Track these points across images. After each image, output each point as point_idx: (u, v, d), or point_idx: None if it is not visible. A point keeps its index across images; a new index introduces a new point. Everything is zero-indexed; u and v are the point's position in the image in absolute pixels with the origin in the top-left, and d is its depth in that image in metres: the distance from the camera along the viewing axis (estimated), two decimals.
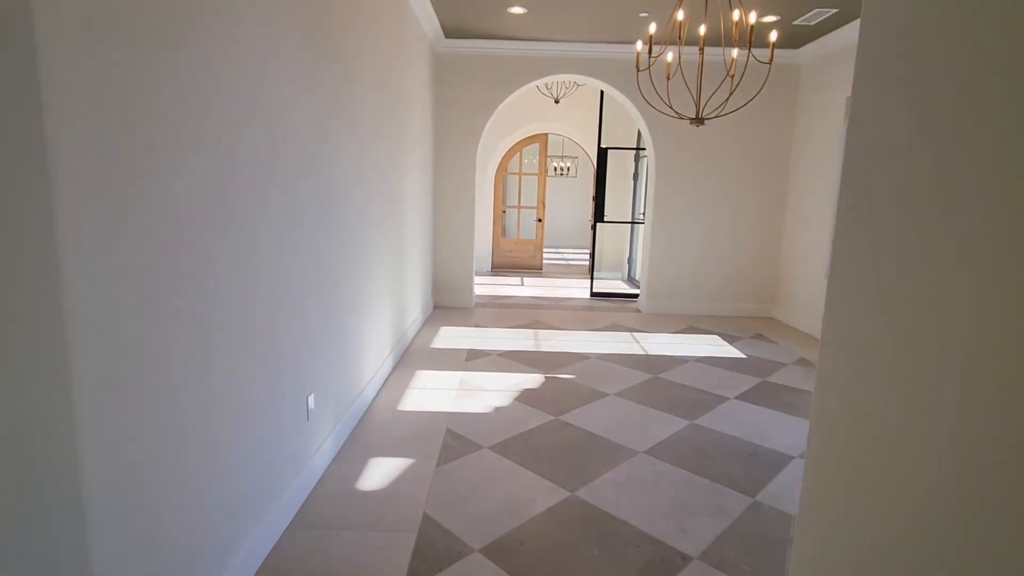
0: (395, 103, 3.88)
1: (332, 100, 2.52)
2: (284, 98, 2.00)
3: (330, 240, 2.55)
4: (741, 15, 3.10)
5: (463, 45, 5.81)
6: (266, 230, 1.87)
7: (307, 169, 2.24)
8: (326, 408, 2.57)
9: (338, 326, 2.72)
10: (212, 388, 1.57)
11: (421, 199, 5.20)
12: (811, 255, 5.63)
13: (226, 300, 1.63)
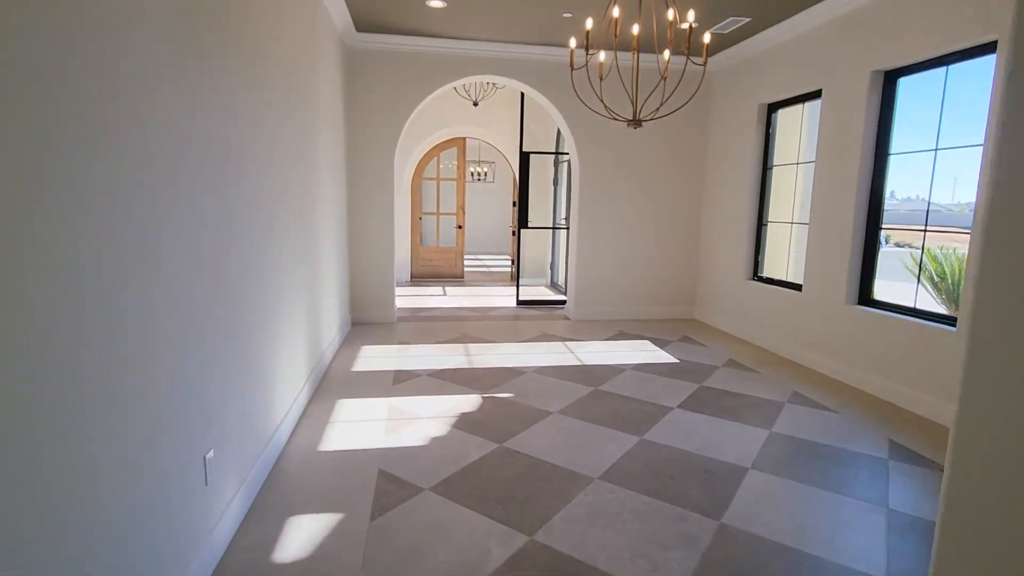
0: (303, 102, 3.42)
1: (225, 96, 2.08)
2: (159, 94, 1.56)
3: (232, 259, 2.10)
4: (675, 15, 3.00)
5: (378, 40, 5.39)
6: (147, 251, 1.43)
7: (196, 174, 1.79)
8: (230, 463, 2.11)
9: (244, 360, 2.26)
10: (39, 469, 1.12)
11: (335, 207, 4.72)
12: (729, 257, 5.78)
13: (85, 341, 1.19)
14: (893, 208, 4.67)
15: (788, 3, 4.35)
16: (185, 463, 1.72)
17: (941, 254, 5.61)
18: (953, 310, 5.37)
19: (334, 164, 4.65)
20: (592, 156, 6.04)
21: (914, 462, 2.90)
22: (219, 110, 1.99)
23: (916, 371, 3.62)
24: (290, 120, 3.08)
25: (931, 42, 3.53)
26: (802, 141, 5.17)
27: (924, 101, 3.84)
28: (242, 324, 2.25)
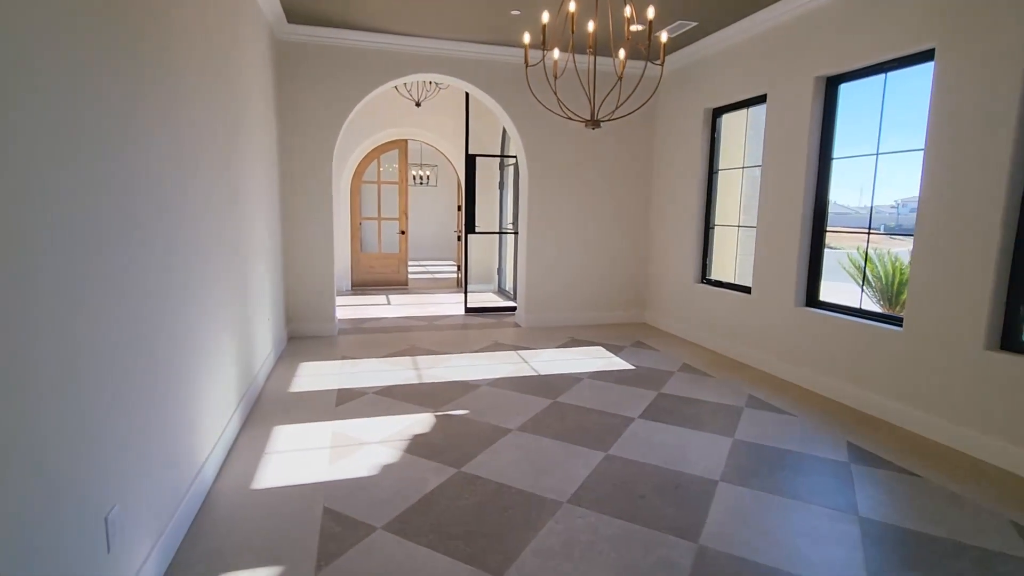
0: (226, 93, 3.06)
1: (137, 87, 1.75)
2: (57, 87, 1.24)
3: (143, 269, 1.76)
4: (632, 12, 2.89)
5: (312, 34, 5.02)
6: (18, 261, 1.11)
7: (98, 179, 1.47)
8: (143, 517, 1.77)
9: (160, 389, 1.92)
10: None
11: (268, 212, 4.32)
12: (678, 261, 5.80)
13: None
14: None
15: (735, 8, 4.38)
16: (77, 529, 1.39)
17: (875, 255, 5.86)
18: (888, 308, 5.63)
19: (266, 165, 4.26)
20: (541, 159, 5.91)
21: (874, 464, 2.91)
22: (125, 101, 1.66)
23: (864, 371, 3.69)
24: (212, 115, 2.72)
25: (870, 49, 3.62)
26: (746, 145, 5.26)
27: (866, 106, 3.94)
28: (157, 346, 1.91)
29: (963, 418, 3.09)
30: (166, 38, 2.08)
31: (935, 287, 3.24)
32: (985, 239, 2.98)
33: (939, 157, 3.21)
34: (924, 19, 3.27)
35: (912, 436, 3.28)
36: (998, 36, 2.89)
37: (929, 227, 3.27)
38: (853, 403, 3.76)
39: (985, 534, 2.27)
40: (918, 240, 3.35)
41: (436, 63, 5.44)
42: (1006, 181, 2.88)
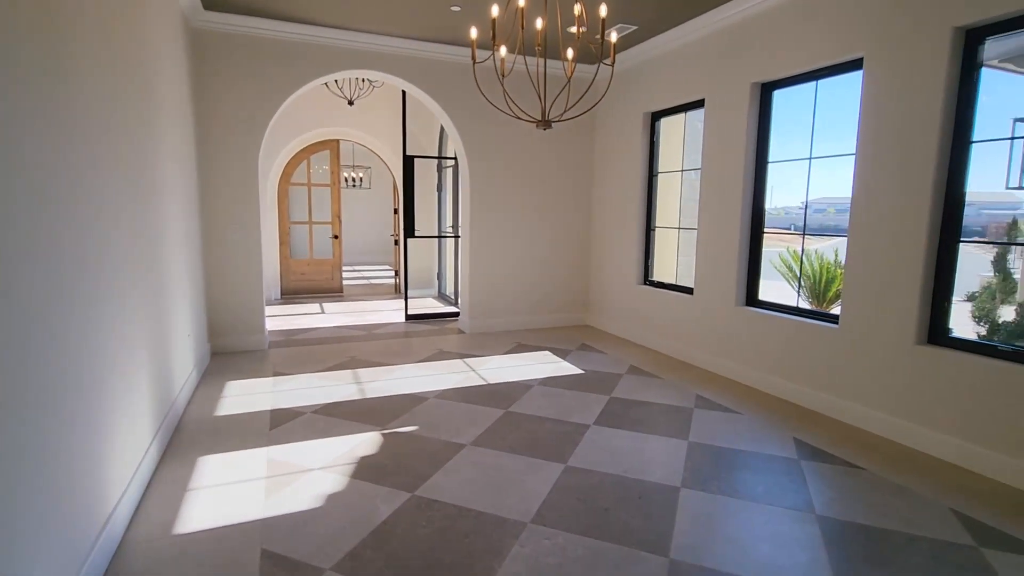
0: (134, 89, 2.70)
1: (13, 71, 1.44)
2: None
3: (28, 288, 1.46)
4: (583, 10, 2.82)
5: (233, 22, 4.62)
6: None
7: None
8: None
9: (55, 429, 1.61)
10: None
11: (187, 218, 3.91)
12: (620, 263, 5.84)
13: None
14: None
15: (673, 13, 4.43)
16: None
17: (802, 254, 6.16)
18: (817, 304, 5.93)
19: (182, 165, 3.85)
20: (483, 162, 5.77)
21: (821, 459, 2.99)
22: None
23: (804, 368, 3.82)
24: (113, 109, 2.38)
25: (803, 58, 3.75)
26: (684, 149, 5.37)
27: (801, 111, 4.09)
28: (49, 375, 1.60)
29: (898, 410, 3.24)
30: (54, 24, 1.76)
31: (868, 285, 3.39)
32: (913, 239, 3.13)
33: (869, 161, 3.36)
34: (853, 29, 3.42)
35: (852, 429, 3.41)
36: (921, 45, 3.05)
37: (861, 228, 3.42)
38: (796, 399, 3.88)
39: (931, 525, 2.36)
40: (851, 241, 3.49)
41: (372, 59, 5.17)
42: (931, 183, 3.04)
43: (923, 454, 3.07)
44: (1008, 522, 2.39)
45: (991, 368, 2.82)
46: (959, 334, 3.12)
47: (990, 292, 5.40)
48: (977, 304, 5.43)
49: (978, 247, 8.17)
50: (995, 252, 6.50)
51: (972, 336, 5.08)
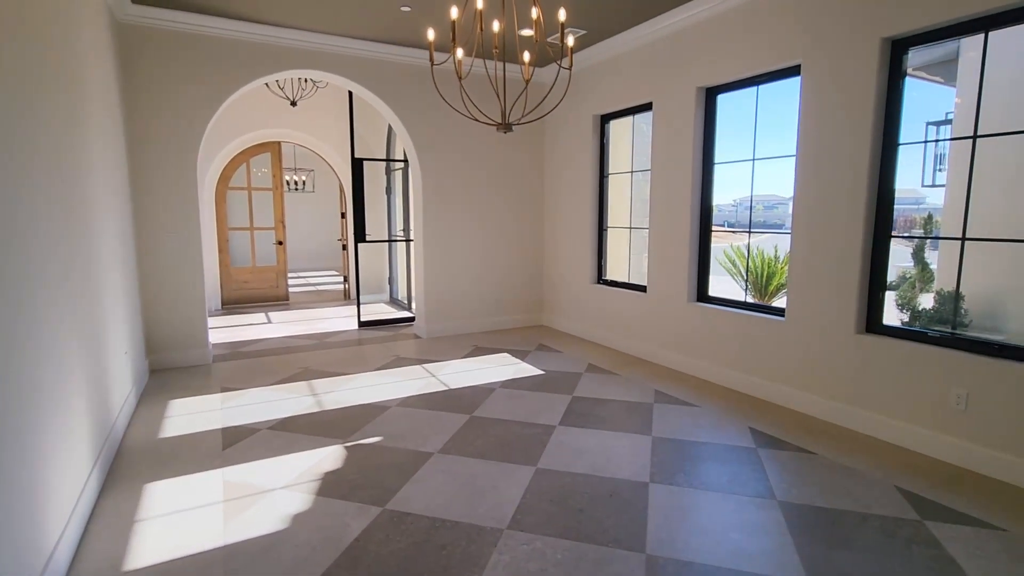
0: (62, 88, 2.48)
1: None
2: None
3: None
4: (539, 14, 2.83)
5: (166, 18, 4.34)
6: None
7: None
8: None
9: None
10: None
11: (119, 226, 3.64)
12: (574, 263, 5.92)
13: None
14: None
15: (621, 19, 4.53)
16: None
17: (743, 250, 6.46)
18: (760, 298, 6.23)
19: (112, 170, 3.58)
20: (434, 164, 5.69)
21: (776, 447, 3.13)
22: None
23: (754, 360, 4.00)
24: (41, 110, 2.18)
25: (744, 64, 3.93)
26: (633, 151, 5.50)
27: (746, 113, 4.27)
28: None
29: (843, 396, 3.44)
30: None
31: (811, 279, 3.59)
32: (851, 234, 3.34)
33: (809, 162, 3.56)
34: (791, 38, 3.60)
35: (803, 416, 3.60)
36: (853, 54, 3.25)
37: (803, 225, 3.62)
38: (749, 390, 4.05)
39: (880, 502, 2.52)
40: (794, 237, 3.69)
41: (317, 59, 5.00)
42: (866, 183, 3.25)
43: (867, 436, 3.28)
44: (944, 495, 2.58)
45: (922, 353, 3.04)
46: (885, 320, 3.35)
47: (911, 282, 5.84)
48: (900, 293, 5.86)
49: (898, 240, 8.82)
50: (914, 244, 7.05)
51: (897, 323, 5.49)
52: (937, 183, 5.89)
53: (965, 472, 2.82)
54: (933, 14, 2.89)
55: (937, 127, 5.59)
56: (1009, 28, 2.76)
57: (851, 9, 3.24)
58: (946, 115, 5.46)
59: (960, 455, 2.89)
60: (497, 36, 2.86)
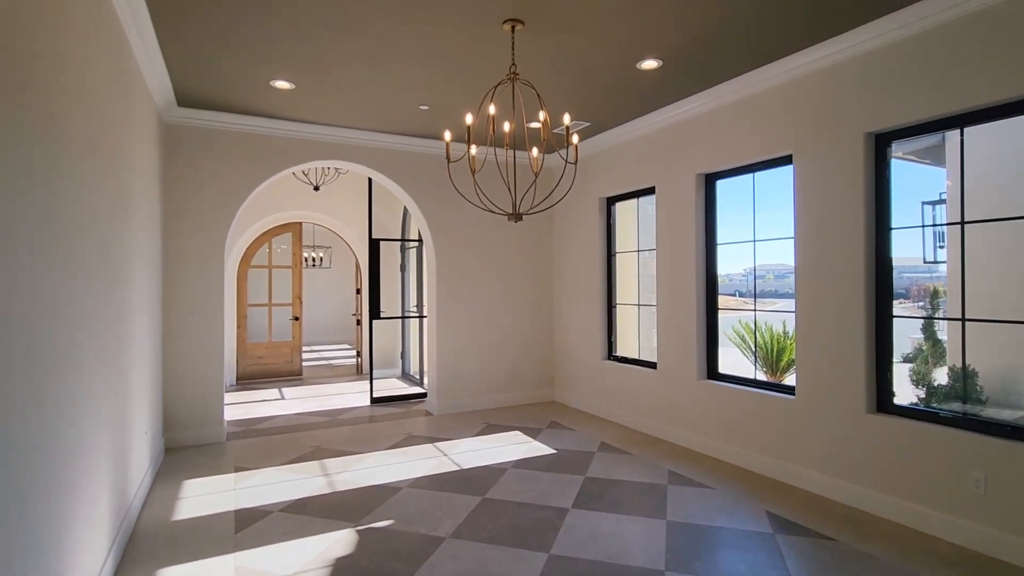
0: (113, 182, 2.75)
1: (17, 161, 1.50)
2: None
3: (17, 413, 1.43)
4: (546, 117, 3.11)
5: (205, 118, 4.76)
6: None
7: None
8: None
9: (22, 559, 1.51)
10: None
11: (151, 306, 3.83)
12: (585, 339, 6.00)
13: None
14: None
15: (621, 113, 4.89)
16: None
17: (752, 324, 6.53)
18: (772, 374, 6.22)
19: (149, 254, 3.82)
20: (447, 244, 5.95)
21: (794, 532, 3.07)
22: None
23: (767, 439, 3.97)
24: (94, 201, 2.41)
25: (740, 153, 4.19)
26: (639, 230, 5.73)
27: (746, 193, 4.50)
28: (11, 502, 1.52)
29: (858, 478, 3.39)
30: (48, 116, 1.84)
31: (817, 357, 3.64)
32: (853, 314, 3.43)
33: (806, 245, 3.71)
34: (782, 131, 3.87)
35: (820, 499, 3.53)
36: (839, 146, 3.49)
37: (806, 304, 3.72)
38: (763, 470, 3.99)
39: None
40: (798, 316, 3.78)
41: (341, 151, 5.39)
42: (863, 266, 3.38)
43: (887, 520, 3.20)
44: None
45: (935, 434, 3.04)
46: (902, 396, 3.36)
47: (923, 357, 5.83)
48: (914, 368, 5.83)
49: (904, 310, 8.83)
50: (923, 314, 7.05)
51: (913, 399, 5.42)
52: (939, 259, 6.02)
53: (991, 560, 2.74)
54: (909, 113, 3.14)
55: (933, 206, 5.80)
56: (985, 124, 2.99)
57: (836, 106, 3.52)
58: (940, 195, 5.68)
59: (983, 541, 2.82)
60: (508, 135, 3.14)
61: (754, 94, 4.05)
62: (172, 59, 3.69)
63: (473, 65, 3.76)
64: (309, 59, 3.67)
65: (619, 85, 4.17)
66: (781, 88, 3.86)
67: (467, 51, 3.54)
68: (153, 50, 3.47)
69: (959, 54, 2.92)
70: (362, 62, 3.71)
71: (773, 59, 3.74)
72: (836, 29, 3.31)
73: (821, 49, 3.50)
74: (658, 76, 4.01)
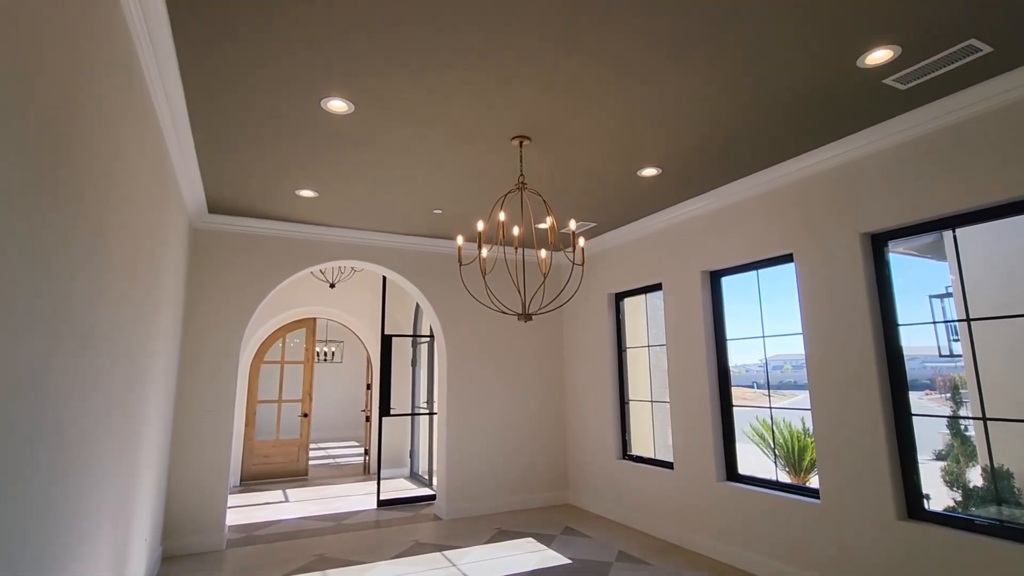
0: (145, 285, 2.90)
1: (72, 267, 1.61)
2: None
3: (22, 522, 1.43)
4: (554, 222, 3.28)
5: (232, 223, 5.06)
6: None
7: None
8: None
9: None
10: None
11: (164, 409, 3.86)
12: (598, 438, 5.85)
13: None
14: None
15: (625, 215, 5.13)
16: None
17: (770, 421, 6.35)
18: (795, 475, 5.94)
19: (167, 357, 3.91)
20: (457, 340, 6.01)
21: None
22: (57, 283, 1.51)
23: (792, 547, 3.73)
24: (123, 309, 2.53)
25: (740, 252, 4.33)
26: (648, 325, 5.78)
27: (752, 288, 4.57)
28: None
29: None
30: (95, 229, 1.99)
31: (839, 457, 3.51)
32: (869, 410, 3.36)
33: (815, 341, 3.72)
34: (781, 231, 4.03)
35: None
36: (838, 246, 3.60)
37: (822, 402, 3.65)
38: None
39: None
40: (815, 415, 3.70)
41: (356, 251, 5.64)
42: (875, 362, 3.36)
43: None
44: None
45: (972, 544, 2.85)
46: (937, 500, 3.19)
47: (954, 456, 5.57)
48: (946, 468, 5.55)
49: (931, 401, 8.51)
50: (949, 410, 6.80)
51: (949, 502, 5.11)
52: (954, 352, 5.93)
53: None
54: (901, 216, 3.27)
55: (941, 299, 5.81)
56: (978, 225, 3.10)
57: (832, 207, 3.68)
58: (946, 288, 5.72)
59: None
60: (517, 239, 3.29)
61: (752, 196, 4.26)
62: (208, 175, 4.01)
63: (484, 175, 4.03)
64: (333, 170, 3.97)
65: (622, 189, 4.42)
66: (778, 191, 4.06)
67: (478, 163, 3.82)
68: (192, 165, 3.79)
69: (946, 159, 3.10)
70: (381, 172, 4.01)
71: (766, 166, 3.98)
72: (824, 139, 3.55)
73: (811, 157, 3.73)
74: (658, 181, 4.26)
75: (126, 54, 2.19)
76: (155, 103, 2.82)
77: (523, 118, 3.19)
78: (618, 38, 2.46)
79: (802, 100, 3.03)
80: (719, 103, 3.05)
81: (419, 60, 2.60)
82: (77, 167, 1.69)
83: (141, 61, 2.44)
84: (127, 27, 2.19)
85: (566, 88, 2.88)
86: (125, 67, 2.19)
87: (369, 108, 3.05)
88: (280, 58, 2.58)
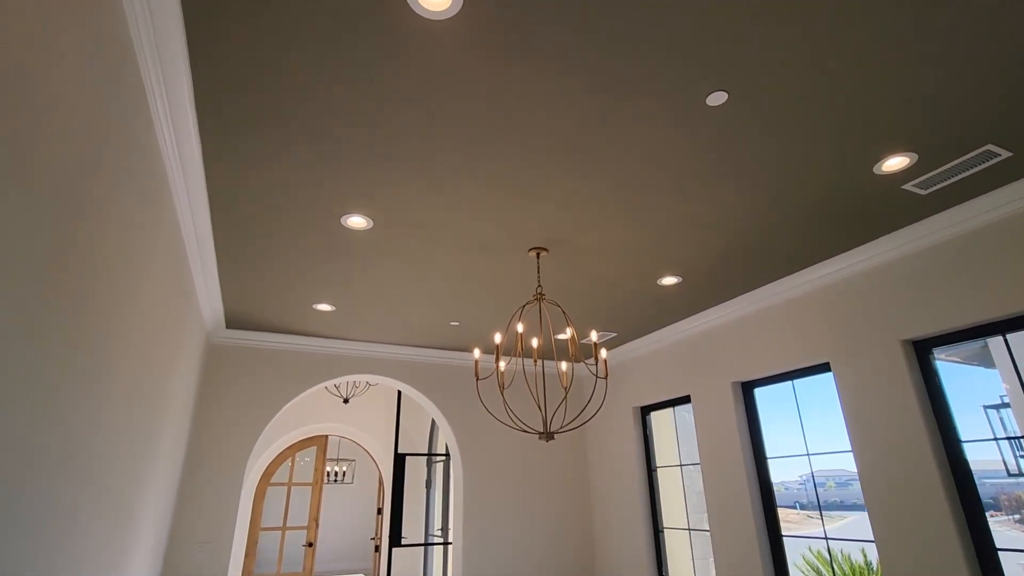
0: (153, 410, 2.77)
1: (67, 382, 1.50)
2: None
3: None
4: (573, 333, 3.16)
5: (247, 337, 5.03)
6: None
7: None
8: None
9: None
10: None
11: (153, 541, 3.54)
12: (627, 570, 5.22)
13: None
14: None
15: (647, 324, 5.00)
16: None
17: (826, 554, 5.64)
18: None
19: (167, 480, 3.67)
20: (475, 458, 5.64)
21: None
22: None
23: None
24: (132, 436, 2.38)
25: (774, 361, 4.10)
26: (679, 441, 5.39)
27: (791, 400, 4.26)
28: None
29: None
30: (102, 349, 1.90)
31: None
32: (947, 543, 2.92)
33: (867, 456, 3.37)
34: (817, 338, 3.83)
35: None
36: (878, 354, 3.38)
37: (883, 529, 3.21)
38: None
39: None
40: (879, 545, 3.24)
41: (371, 364, 5.51)
42: (939, 480, 2.99)
43: None
44: None
45: None
46: None
47: None
48: None
49: (1000, 525, 7.61)
50: (1018, 531, 6.03)
51: None
52: (1023, 470, 5.36)
53: None
54: (945, 321, 3.09)
55: (997, 410, 5.37)
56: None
57: (868, 313, 3.50)
58: (1000, 398, 5.31)
59: None
60: (536, 351, 3.15)
61: (782, 302, 4.12)
62: (228, 290, 4.05)
63: (501, 286, 4.01)
64: (351, 284, 3.98)
65: (642, 299, 4.34)
66: (808, 296, 3.93)
67: (495, 275, 3.80)
68: (213, 283, 3.83)
69: (992, 259, 2.96)
70: (398, 285, 4.00)
71: (789, 273, 3.89)
72: (848, 244, 3.48)
73: (837, 262, 3.64)
74: (679, 290, 4.18)
75: (156, 181, 2.27)
76: (182, 229, 2.89)
77: (540, 231, 3.20)
78: (629, 156, 2.51)
79: (823, 206, 3.01)
80: (736, 212, 3.04)
81: (437, 178, 2.67)
82: (104, 293, 1.65)
83: (172, 191, 2.53)
84: (161, 160, 2.29)
85: (581, 205, 2.91)
86: (156, 193, 2.26)
87: (387, 223, 3.10)
88: (303, 183, 2.67)
